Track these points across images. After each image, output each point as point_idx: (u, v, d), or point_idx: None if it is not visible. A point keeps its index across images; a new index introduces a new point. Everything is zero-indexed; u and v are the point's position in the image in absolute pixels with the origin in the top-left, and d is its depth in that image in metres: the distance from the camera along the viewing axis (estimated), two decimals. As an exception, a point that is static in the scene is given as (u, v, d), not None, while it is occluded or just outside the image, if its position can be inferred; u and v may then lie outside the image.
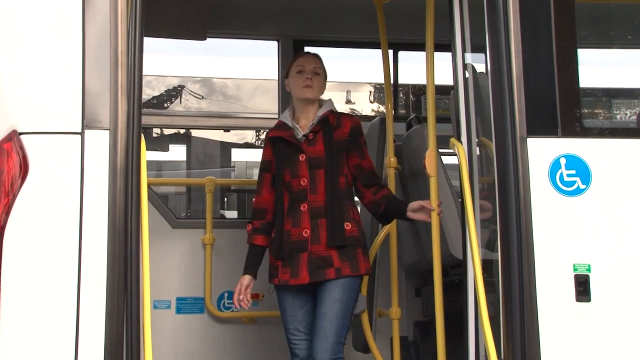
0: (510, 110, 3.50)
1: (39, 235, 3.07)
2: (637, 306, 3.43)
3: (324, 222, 4.18)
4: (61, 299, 3.05)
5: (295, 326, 4.20)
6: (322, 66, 4.43)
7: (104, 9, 3.21)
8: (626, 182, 3.53)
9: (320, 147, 4.27)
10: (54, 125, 3.12)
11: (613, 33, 4.52)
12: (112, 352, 3.05)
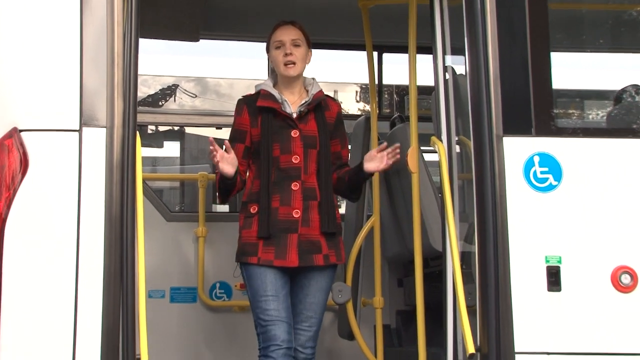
0: (487, 110, 3.51)
1: (38, 227, 3.10)
2: (604, 295, 3.44)
3: (315, 205, 3.93)
4: (59, 287, 3.08)
5: (275, 307, 3.79)
6: (301, 35, 4.06)
7: (100, 11, 3.22)
8: (595, 179, 3.54)
9: (314, 126, 4.02)
10: (53, 123, 3.14)
11: (585, 37, 4.54)
12: (108, 338, 3.07)
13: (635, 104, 4.31)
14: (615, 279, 3.46)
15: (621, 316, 3.46)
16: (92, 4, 3.23)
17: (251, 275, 3.88)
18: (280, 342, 3.75)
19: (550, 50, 3.61)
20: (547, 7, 3.62)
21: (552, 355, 3.38)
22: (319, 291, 3.94)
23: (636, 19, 4.40)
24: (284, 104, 3.97)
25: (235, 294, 5.26)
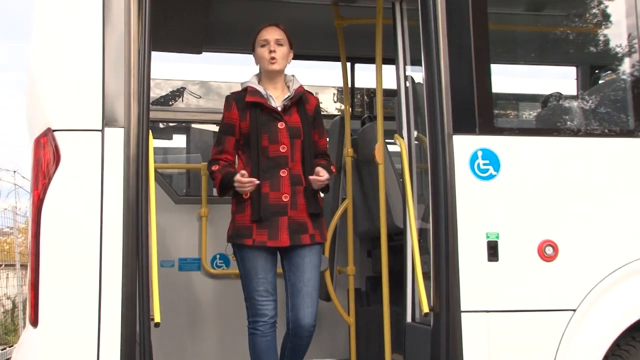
0: (440, 113, 3.49)
1: (68, 209, 3.11)
2: (532, 264, 3.46)
3: (301, 190, 3.79)
4: (87, 259, 3.08)
5: (265, 288, 3.74)
6: (284, 36, 3.91)
7: (119, 28, 3.21)
8: (526, 170, 3.55)
9: (297, 118, 3.86)
10: (80, 124, 3.14)
11: (518, 52, 4.56)
12: (127, 300, 3.08)
13: (558, 107, 4.33)
14: (541, 250, 3.48)
15: (545, 280, 3.48)
16: (113, 23, 3.21)
17: (245, 257, 3.80)
18: (268, 318, 3.75)
19: (490, 62, 3.59)
20: (488, 28, 3.60)
21: (490, 313, 3.39)
22: (313, 268, 3.81)
23: (558, 38, 4.43)
24: (269, 98, 3.84)
25: (233, 264, 5.23)
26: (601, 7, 4.04)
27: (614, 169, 3.66)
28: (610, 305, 3.53)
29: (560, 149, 3.63)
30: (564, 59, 4.68)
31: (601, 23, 4.08)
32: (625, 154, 3.69)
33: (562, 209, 3.55)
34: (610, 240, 3.58)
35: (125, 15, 3.23)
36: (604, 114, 4.17)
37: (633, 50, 3.81)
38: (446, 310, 3.37)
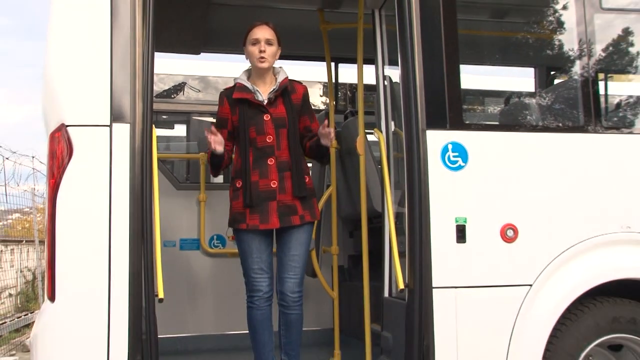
0: (414, 110, 3.49)
1: (81, 196, 3.12)
2: (495, 245, 3.50)
3: (289, 175, 3.75)
4: (97, 240, 3.10)
5: (260, 266, 3.76)
6: (274, 35, 3.84)
7: (126, 34, 3.20)
8: (491, 161, 3.57)
9: (282, 109, 3.80)
10: (90, 120, 3.15)
11: (485, 54, 4.57)
12: (134, 278, 3.10)
13: (519, 104, 4.36)
14: (503, 233, 3.51)
15: (506, 259, 3.52)
16: (120, 30, 3.20)
17: (241, 239, 3.82)
18: (263, 293, 3.78)
19: (460, 64, 3.59)
20: (457, 33, 3.60)
21: (458, 289, 3.43)
22: (300, 245, 3.80)
23: (518, 42, 4.44)
24: (256, 93, 3.79)
25: (229, 244, 5.27)
26: (556, 16, 4.05)
27: (566, 161, 3.69)
28: (561, 280, 3.57)
29: (521, 143, 3.65)
30: (524, 60, 4.70)
31: (556, 30, 4.09)
32: (576, 147, 3.72)
33: (522, 196, 3.58)
34: (562, 223, 3.61)
35: (131, 21, 3.23)
36: (558, 112, 4.20)
37: (583, 54, 3.83)
38: (419, 286, 3.39)
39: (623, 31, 4.00)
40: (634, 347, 3.77)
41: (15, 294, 11.71)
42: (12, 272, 11.97)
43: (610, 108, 4.16)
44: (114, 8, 3.23)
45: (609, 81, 4.22)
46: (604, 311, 3.65)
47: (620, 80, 4.57)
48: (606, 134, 3.77)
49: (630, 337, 3.69)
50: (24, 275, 12.11)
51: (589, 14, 3.83)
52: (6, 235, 12.52)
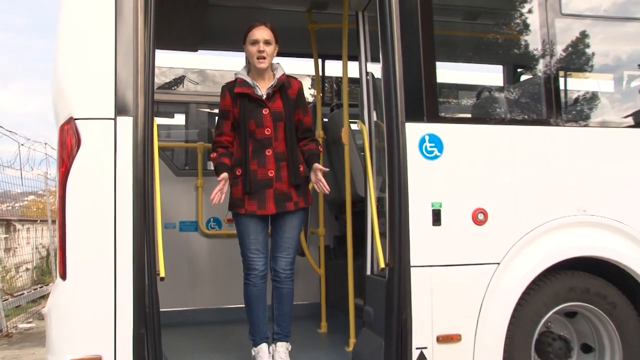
0: (395, 104, 3.48)
1: (88, 183, 3.10)
2: (467, 227, 3.51)
3: (285, 165, 3.75)
4: (104, 224, 3.08)
5: (256, 247, 3.77)
6: (272, 35, 3.80)
7: (128, 35, 3.18)
8: (464, 151, 3.57)
9: (279, 103, 3.77)
10: (97, 113, 3.12)
11: (458, 52, 4.57)
12: (137, 258, 3.09)
13: (489, 99, 4.36)
14: (474, 216, 3.53)
15: (477, 240, 3.53)
16: (123, 32, 3.17)
17: (240, 222, 3.82)
18: (259, 271, 3.80)
19: (436, 62, 3.59)
20: (434, 33, 3.59)
21: (433, 267, 3.44)
22: (293, 229, 3.83)
23: (488, 42, 4.43)
24: (255, 88, 3.76)
25: (224, 225, 5.27)
26: (522, 19, 4.05)
27: (531, 151, 3.70)
28: (525, 258, 3.60)
29: (491, 135, 3.66)
30: (493, 59, 4.70)
31: (522, 31, 4.09)
32: (540, 138, 3.74)
33: (492, 183, 3.59)
34: (527, 208, 3.63)
35: (134, 22, 3.20)
36: (524, 106, 4.21)
37: (546, 54, 3.85)
38: (398, 265, 3.41)
39: (580, 34, 4.02)
40: (586, 313, 3.84)
41: (32, 269, 11.93)
42: (28, 249, 12.21)
43: (569, 103, 4.18)
44: (118, 9, 3.19)
45: (568, 79, 4.26)
46: (562, 282, 3.70)
47: (578, 78, 4.60)
48: (565, 127, 3.80)
49: (583, 304, 3.75)
50: (39, 251, 12.28)
51: (551, 18, 3.85)
52: (22, 215, 12.73)
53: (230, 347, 4.33)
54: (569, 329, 3.92)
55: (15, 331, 7.80)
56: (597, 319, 3.82)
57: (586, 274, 3.76)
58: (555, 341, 3.78)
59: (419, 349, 3.38)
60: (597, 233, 3.74)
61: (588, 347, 3.90)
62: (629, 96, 4.54)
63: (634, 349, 3.76)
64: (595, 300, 3.74)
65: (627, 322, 3.77)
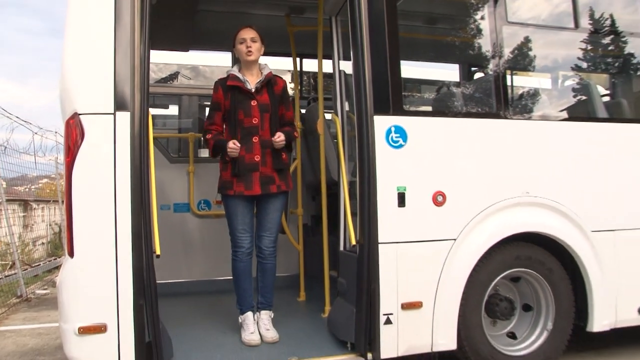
0: (364, 98, 3.48)
1: (91, 171, 3.07)
2: (428, 209, 3.55)
3: (269, 152, 3.75)
4: (105, 204, 3.07)
5: (243, 227, 3.77)
6: (257, 34, 3.83)
7: (126, 38, 3.14)
8: (426, 140, 3.58)
9: (266, 97, 3.79)
10: (98, 109, 3.09)
11: (421, 51, 4.60)
12: (136, 235, 3.09)
13: (447, 95, 4.39)
14: (434, 198, 3.56)
15: (437, 220, 3.57)
16: (122, 36, 3.13)
17: (228, 203, 3.82)
18: (245, 249, 3.81)
19: (400, 61, 3.58)
20: (398, 35, 3.59)
21: (399, 244, 3.47)
22: (276, 210, 3.85)
23: (446, 43, 4.46)
24: (246, 82, 3.78)
25: (214, 207, 5.25)
26: (475, 24, 4.07)
27: (484, 140, 3.74)
28: (478, 234, 3.65)
29: (449, 126, 3.69)
30: (451, 58, 4.73)
31: (475, 35, 4.12)
32: (492, 129, 3.78)
33: (450, 168, 3.63)
34: (479, 191, 3.68)
35: (131, 27, 3.15)
36: (477, 101, 4.25)
37: (495, 55, 3.88)
38: (367, 242, 3.43)
39: (524, 39, 4.07)
40: (528, 278, 3.94)
41: (46, 243, 12.03)
42: (43, 226, 12.32)
43: (515, 99, 4.23)
44: (117, 16, 3.15)
45: (514, 78, 4.32)
46: (509, 251, 3.78)
47: (522, 77, 4.67)
48: (512, 120, 3.85)
49: (526, 270, 3.85)
50: (52, 228, 12.34)
51: (499, 25, 3.88)
52: (37, 196, 12.84)
53: (219, 315, 4.35)
54: (513, 291, 4.01)
55: (33, 296, 7.93)
56: (536, 283, 3.93)
57: (530, 244, 3.85)
58: (502, 302, 3.87)
59: (385, 315, 3.42)
60: (538, 212, 3.82)
61: (528, 306, 4.01)
62: (564, 94, 4.61)
63: (564, 307, 3.91)
64: (535, 267, 3.85)
65: (560, 284, 3.90)
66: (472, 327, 3.67)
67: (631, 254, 3.99)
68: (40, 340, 5.41)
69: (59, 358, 4.57)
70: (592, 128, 4.06)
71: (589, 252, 3.89)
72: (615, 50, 4.44)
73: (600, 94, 4.39)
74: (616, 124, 4.16)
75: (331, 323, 3.80)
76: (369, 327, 3.42)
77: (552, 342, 3.89)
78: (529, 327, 3.97)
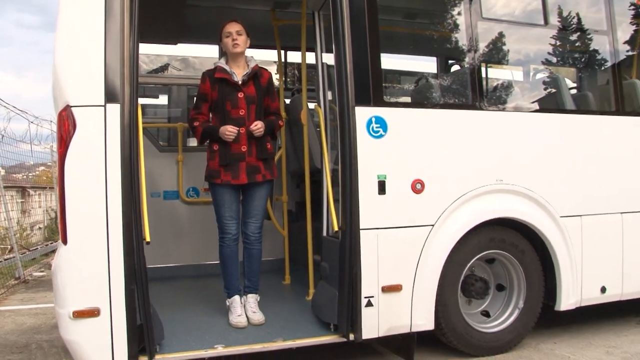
0: (346, 90, 3.44)
1: (83, 162, 3.00)
2: (407, 196, 3.52)
3: (254, 142, 3.68)
4: (96, 194, 3.00)
5: (230, 214, 3.72)
6: (242, 28, 3.75)
7: (116, 32, 3.05)
8: (405, 130, 3.55)
9: (252, 89, 3.72)
10: (89, 101, 3.01)
11: (401, 45, 4.55)
12: (126, 223, 3.02)
13: (426, 87, 4.35)
14: (413, 186, 3.54)
15: (416, 207, 3.55)
16: (112, 29, 3.05)
17: (215, 192, 3.76)
18: (232, 235, 3.76)
19: (381, 54, 3.54)
20: (378, 29, 3.55)
21: (379, 230, 3.44)
22: (261, 198, 3.79)
23: (425, 37, 4.42)
24: (232, 75, 3.70)
25: (202, 194, 5.20)
26: (452, 20, 4.03)
27: (461, 130, 3.73)
28: (454, 220, 3.65)
29: (427, 117, 3.66)
30: (429, 51, 4.69)
31: (452, 30, 4.09)
32: (467, 120, 3.77)
33: (428, 157, 3.61)
34: (455, 179, 3.67)
35: (121, 22, 3.06)
36: (454, 93, 4.22)
37: (472, 48, 3.86)
38: (349, 228, 3.41)
39: (498, 34, 4.05)
40: (502, 259, 3.98)
41: (43, 228, 12.04)
42: (40, 211, 12.33)
43: (489, 92, 4.22)
44: (108, 11, 3.06)
45: (488, 72, 4.30)
46: (485, 234, 3.79)
47: (496, 71, 4.65)
48: (487, 111, 3.83)
49: (500, 252, 3.88)
50: (48, 213, 12.35)
51: (474, 20, 3.85)
52: (35, 183, 12.88)
53: (208, 298, 4.31)
54: (488, 272, 4.03)
55: (30, 278, 7.96)
56: (509, 264, 3.96)
57: (504, 228, 3.86)
58: (477, 282, 3.89)
59: (367, 298, 3.41)
60: (511, 198, 3.83)
61: (502, 286, 4.04)
62: (535, 87, 4.62)
63: (535, 287, 3.95)
64: (509, 249, 3.87)
65: (531, 266, 3.94)
66: (449, 305, 3.69)
67: (596, 237, 4.03)
68: (37, 320, 5.40)
69: (55, 336, 4.57)
70: (561, 119, 4.06)
71: (558, 236, 3.91)
72: (582, 46, 4.44)
73: (568, 87, 4.39)
74: (583, 116, 4.17)
75: (315, 305, 3.78)
76: (351, 309, 3.40)
77: (523, 320, 3.94)
78: (502, 306, 4.01)
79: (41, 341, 4.60)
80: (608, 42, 4.30)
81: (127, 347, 3.00)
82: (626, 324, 4.56)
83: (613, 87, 4.27)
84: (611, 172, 4.13)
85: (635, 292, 4.22)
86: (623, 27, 4.42)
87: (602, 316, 4.59)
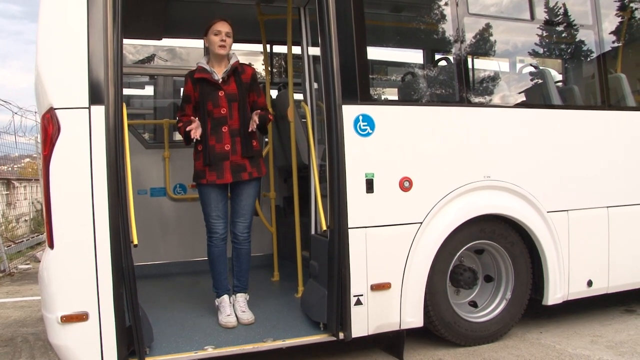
0: (332, 88, 3.41)
1: (68, 164, 2.96)
2: (395, 194, 3.51)
3: (239, 140, 3.65)
4: (82, 197, 2.96)
5: (217, 214, 3.70)
6: (231, 30, 3.73)
7: (99, 33, 3.00)
8: (393, 128, 3.54)
9: (234, 86, 3.68)
10: (73, 103, 2.96)
11: (388, 41, 4.53)
12: (113, 226, 2.99)
13: (412, 83, 4.34)
14: (401, 184, 3.54)
15: (404, 204, 3.55)
16: (95, 31, 2.99)
17: (202, 192, 3.74)
18: (220, 234, 3.74)
19: (367, 51, 3.50)
20: (365, 24, 3.52)
21: (367, 228, 3.44)
22: (249, 197, 3.76)
23: (411, 31, 4.41)
24: (213, 74, 3.67)
25: (189, 191, 5.17)
26: (439, 14, 4.03)
27: (448, 126, 3.72)
28: (442, 217, 3.66)
29: (414, 114, 3.65)
30: (415, 45, 4.68)
31: (439, 22, 4.08)
32: (455, 116, 3.76)
33: (416, 155, 3.60)
34: (443, 176, 3.67)
35: (103, 22, 3.01)
36: (441, 90, 4.22)
37: (458, 42, 3.85)
38: (338, 227, 3.40)
39: (483, 29, 4.05)
40: (491, 250, 4.01)
41: (29, 220, 12.03)
42: (25, 204, 12.29)
43: (476, 88, 4.22)
44: (90, 11, 3.00)
45: (475, 68, 4.30)
46: (475, 226, 3.81)
47: (483, 68, 4.66)
48: (474, 107, 3.84)
49: (489, 242, 3.91)
50: (34, 205, 12.33)
51: (461, 15, 3.85)
52: (20, 175, 12.75)
53: (196, 297, 4.30)
54: (477, 263, 4.07)
55: (16, 271, 7.94)
56: (498, 255, 4.00)
57: (495, 220, 3.88)
58: (465, 272, 3.92)
59: (356, 297, 3.41)
60: (499, 194, 3.84)
61: (489, 277, 4.08)
62: (521, 83, 4.63)
63: (522, 278, 4.00)
64: (498, 239, 3.91)
65: (520, 257, 3.97)
66: (438, 293, 3.72)
67: (582, 231, 4.06)
68: (23, 313, 5.37)
69: (40, 329, 4.55)
70: (547, 114, 4.07)
71: (545, 231, 3.94)
72: (568, 41, 4.45)
73: (554, 82, 4.40)
74: (569, 111, 4.18)
75: (304, 304, 3.78)
76: (340, 308, 3.40)
77: (510, 310, 3.99)
78: (490, 296, 4.05)
79: (27, 334, 4.57)
80: (594, 37, 4.31)
81: (117, 351, 2.98)
82: (611, 314, 4.64)
83: (599, 82, 4.29)
84: (597, 167, 4.16)
85: (621, 285, 4.27)
86: (609, 20, 4.44)
87: (587, 306, 4.65)
